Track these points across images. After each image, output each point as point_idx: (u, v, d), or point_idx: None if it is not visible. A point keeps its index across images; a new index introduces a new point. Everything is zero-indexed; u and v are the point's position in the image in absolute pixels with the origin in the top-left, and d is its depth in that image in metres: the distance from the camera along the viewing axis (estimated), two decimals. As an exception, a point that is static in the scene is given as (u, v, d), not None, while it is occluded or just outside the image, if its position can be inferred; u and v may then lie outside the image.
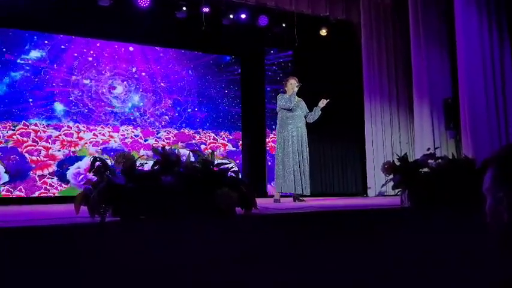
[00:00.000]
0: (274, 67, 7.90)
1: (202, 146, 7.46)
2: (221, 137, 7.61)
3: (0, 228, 1.91)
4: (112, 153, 6.29)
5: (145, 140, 7.02)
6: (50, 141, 6.48)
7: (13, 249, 1.80)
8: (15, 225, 2.05)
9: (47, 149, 6.50)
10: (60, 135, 6.57)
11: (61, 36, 6.60)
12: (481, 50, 5.17)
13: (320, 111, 5.30)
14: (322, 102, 5.30)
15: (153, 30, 6.79)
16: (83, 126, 6.68)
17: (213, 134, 7.52)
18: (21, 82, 6.31)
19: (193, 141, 7.40)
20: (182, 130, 7.32)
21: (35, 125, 6.39)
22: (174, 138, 7.24)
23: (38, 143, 6.40)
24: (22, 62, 6.33)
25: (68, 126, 6.63)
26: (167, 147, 2.51)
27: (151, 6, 6.55)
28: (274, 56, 7.91)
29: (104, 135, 6.82)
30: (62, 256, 1.84)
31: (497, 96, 5.17)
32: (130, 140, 7.01)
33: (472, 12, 5.19)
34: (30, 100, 6.35)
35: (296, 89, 5.16)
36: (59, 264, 1.82)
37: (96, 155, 6.52)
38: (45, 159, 6.44)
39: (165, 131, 7.20)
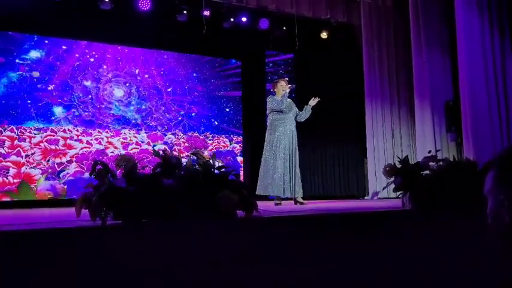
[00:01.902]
0: (275, 70, 7.91)
1: (240, 159, 7.53)
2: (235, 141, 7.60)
3: (1, 231, 1.91)
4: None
5: (153, 146, 6.88)
6: (22, 153, 6.05)
7: (13, 252, 1.80)
8: (16, 228, 2.05)
9: (19, 165, 6.01)
10: (42, 141, 6.19)
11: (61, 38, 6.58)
12: (483, 52, 5.16)
13: (311, 110, 5.26)
14: (313, 101, 5.25)
15: (154, 34, 6.80)
16: (76, 131, 6.46)
17: (226, 139, 7.54)
18: (19, 83, 6.21)
19: (211, 147, 7.35)
20: (190, 133, 7.28)
21: (11, 130, 6.05)
22: (186, 144, 7.20)
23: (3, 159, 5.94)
24: (21, 62, 6.25)
25: (52, 130, 6.29)
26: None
27: (152, 9, 6.56)
28: (275, 59, 7.92)
29: (100, 143, 6.59)
30: (63, 260, 1.84)
31: (499, 99, 5.16)
32: (137, 147, 6.81)
33: (473, 14, 5.19)
34: (29, 102, 6.23)
35: (288, 91, 5.14)
36: (60, 268, 1.82)
37: (47, 191, 6.13)
38: (15, 180, 6.00)
39: (172, 134, 7.14)
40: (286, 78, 5.48)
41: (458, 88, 5.47)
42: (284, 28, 7.38)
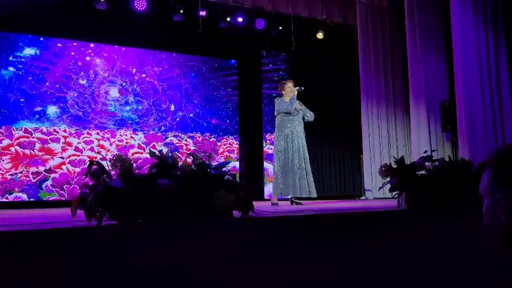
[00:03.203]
0: (271, 70, 7.91)
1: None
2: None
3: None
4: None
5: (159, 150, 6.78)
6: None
7: (7, 253, 1.79)
8: (10, 229, 2.03)
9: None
10: (13, 145, 5.88)
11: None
12: (477, 53, 5.19)
13: (305, 110, 5.25)
14: (299, 105, 5.20)
15: (150, 34, 6.78)
16: (64, 131, 6.32)
17: (235, 141, 7.54)
18: (13, 82, 6.15)
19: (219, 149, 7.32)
20: (191, 134, 7.25)
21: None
22: (195, 147, 7.18)
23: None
24: (15, 60, 6.19)
25: (25, 131, 5.93)
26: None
27: (148, 9, 6.55)
28: (271, 58, 7.92)
29: (91, 148, 6.35)
30: (58, 261, 1.83)
31: (493, 99, 5.19)
32: (140, 151, 6.72)
33: (468, 15, 5.22)
34: (22, 100, 6.16)
35: (296, 92, 5.14)
36: (55, 269, 1.81)
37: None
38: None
39: (174, 136, 7.10)
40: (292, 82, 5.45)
41: (453, 88, 5.49)
42: (280, 28, 7.39)
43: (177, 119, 7.19)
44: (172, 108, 7.19)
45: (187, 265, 1.96)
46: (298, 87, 5.17)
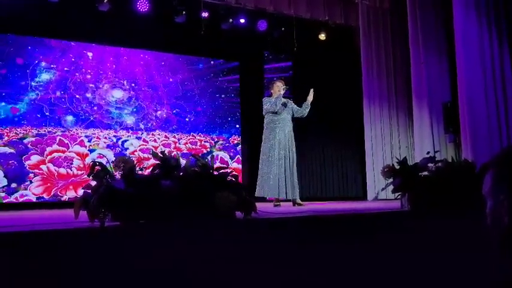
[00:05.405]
0: (273, 71, 7.91)
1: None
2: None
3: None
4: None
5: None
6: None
7: (11, 254, 1.79)
8: (13, 230, 2.04)
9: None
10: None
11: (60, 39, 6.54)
12: (480, 53, 5.17)
13: (309, 106, 5.21)
14: (310, 95, 5.18)
15: (153, 35, 6.80)
16: (60, 132, 6.33)
17: (238, 143, 7.56)
18: (14, 84, 6.17)
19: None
20: (194, 135, 7.28)
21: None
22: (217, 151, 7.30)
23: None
24: (18, 62, 6.20)
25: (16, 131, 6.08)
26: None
27: (151, 11, 6.56)
28: (273, 60, 7.92)
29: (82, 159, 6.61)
30: (61, 262, 1.83)
31: (498, 100, 5.17)
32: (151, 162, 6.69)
33: (470, 16, 5.20)
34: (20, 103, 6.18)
35: (282, 92, 5.12)
36: (58, 270, 1.81)
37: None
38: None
39: (174, 138, 7.12)
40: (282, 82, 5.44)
41: (456, 89, 5.48)
42: (282, 29, 7.39)
43: (178, 120, 7.20)
44: (174, 110, 7.19)
45: (190, 265, 1.97)
46: (284, 87, 5.14)
